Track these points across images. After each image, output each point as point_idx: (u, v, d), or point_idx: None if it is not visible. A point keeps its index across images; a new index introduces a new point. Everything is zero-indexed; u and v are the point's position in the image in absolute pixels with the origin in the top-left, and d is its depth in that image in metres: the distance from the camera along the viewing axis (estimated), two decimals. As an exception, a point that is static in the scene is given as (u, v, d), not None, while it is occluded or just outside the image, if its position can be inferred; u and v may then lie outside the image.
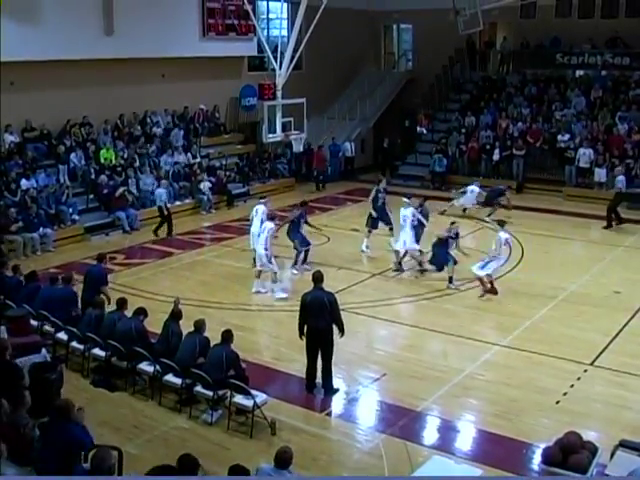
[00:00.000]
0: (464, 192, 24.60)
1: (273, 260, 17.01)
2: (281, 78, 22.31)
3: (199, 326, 12.04)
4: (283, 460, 8.14)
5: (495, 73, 34.34)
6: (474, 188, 24.39)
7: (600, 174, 26.79)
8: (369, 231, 20.41)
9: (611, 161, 26.98)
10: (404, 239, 18.51)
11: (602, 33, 31.02)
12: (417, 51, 36.63)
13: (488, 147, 29.85)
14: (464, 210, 24.34)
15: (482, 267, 16.97)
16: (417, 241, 18.73)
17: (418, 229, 18.85)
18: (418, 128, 32.56)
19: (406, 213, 18.57)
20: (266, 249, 16.80)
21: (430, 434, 11.47)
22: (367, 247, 20.26)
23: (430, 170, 30.28)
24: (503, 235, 16.97)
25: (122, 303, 13.22)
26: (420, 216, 18.82)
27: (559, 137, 28.77)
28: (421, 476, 9.56)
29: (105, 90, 25.10)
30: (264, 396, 11.35)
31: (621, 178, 23.93)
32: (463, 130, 31.24)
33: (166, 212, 22.82)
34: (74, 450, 8.19)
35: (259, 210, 18.70)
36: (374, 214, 20.31)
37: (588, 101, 30.47)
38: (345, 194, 28.90)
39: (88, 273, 14.98)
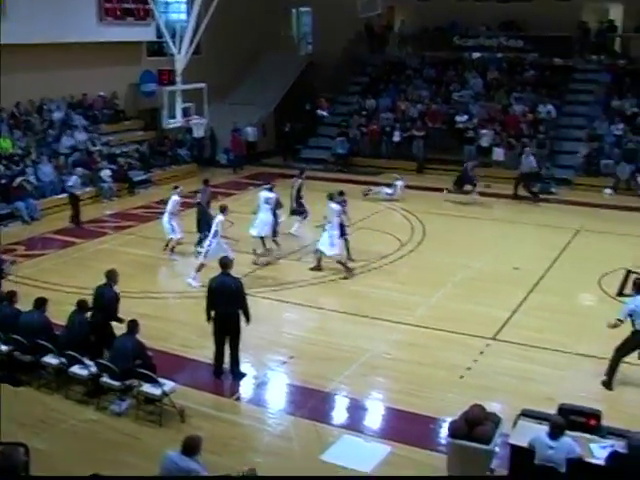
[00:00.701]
0: (390, 185, 24.86)
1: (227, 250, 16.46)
2: (180, 63, 22.11)
3: (112, 277, 12.69)
4: (190, 447, 8.02)
5: (394, 56, 34.66)
6: (400, 183, 24.72)
7: (498, 153, 27.64)
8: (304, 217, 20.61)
9: (508, 140, 27.72)
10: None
11: (497, 17, 31.92)
12: (317, 34, 36.63)
13: (388, 129, 30.28)
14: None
15: (331, 244, 17.18)
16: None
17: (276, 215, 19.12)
18: (319, 111, 32.77)
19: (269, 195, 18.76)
20: (210, 242, 16.50)
21: (339, 414, 11.62)
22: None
23: (332, 153, 30.54)
24: (335, 206, 17.34)
25: (11, 296, 12.85)
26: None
27: (457, 118, 29.44)
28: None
29: (-2, 77, 24.31)
30: (172, 384, 11.27)
31: (532, 159, 24.73)
32: (364, 112, 31.60)
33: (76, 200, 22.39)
34: None
35: (171, 198, 18.72)
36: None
37: (485, 82, 31.19)
38: (247, 179, 28.76)
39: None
